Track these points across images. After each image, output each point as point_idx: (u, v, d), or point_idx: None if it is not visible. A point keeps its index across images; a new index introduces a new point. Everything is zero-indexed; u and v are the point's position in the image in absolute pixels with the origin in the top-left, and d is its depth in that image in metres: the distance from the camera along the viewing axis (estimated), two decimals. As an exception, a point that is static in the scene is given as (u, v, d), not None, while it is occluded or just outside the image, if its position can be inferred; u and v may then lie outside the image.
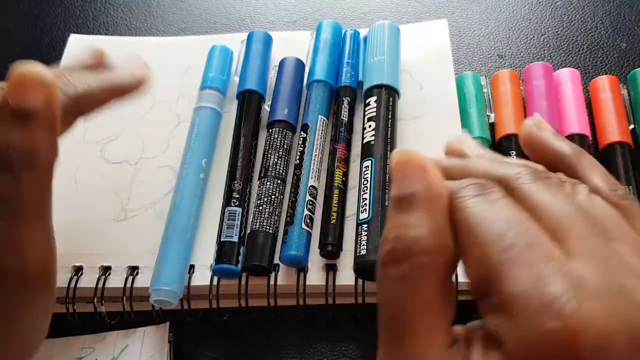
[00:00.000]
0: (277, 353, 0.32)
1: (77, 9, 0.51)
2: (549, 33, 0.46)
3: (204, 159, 0.36)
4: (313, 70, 0.38)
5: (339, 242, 0.32)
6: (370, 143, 0.34)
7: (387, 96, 0.36)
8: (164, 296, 0.31)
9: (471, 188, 0.19)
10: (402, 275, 0.18)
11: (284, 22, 0.48)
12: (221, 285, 0.32)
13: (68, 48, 0.43)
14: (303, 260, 0.32)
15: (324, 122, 0.37)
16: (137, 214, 0.35)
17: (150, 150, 0.38)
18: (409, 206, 0.19)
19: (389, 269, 0.18)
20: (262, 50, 0.40)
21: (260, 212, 0.33)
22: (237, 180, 0.35)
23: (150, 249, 0.33)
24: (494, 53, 0.45)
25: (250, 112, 0.37)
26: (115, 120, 0.39)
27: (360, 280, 0.31)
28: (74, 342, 0.33)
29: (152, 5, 0.50)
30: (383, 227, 0.31)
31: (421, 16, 0.48)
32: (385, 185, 0.32)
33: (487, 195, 0.19)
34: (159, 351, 0.32)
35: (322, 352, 0.32)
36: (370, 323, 0.33)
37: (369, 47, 0.39)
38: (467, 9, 0.48)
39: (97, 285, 0.32)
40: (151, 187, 0.36)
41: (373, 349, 0.35)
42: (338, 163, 0.34)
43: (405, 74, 0.40)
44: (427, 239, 0.18)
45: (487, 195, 0.19)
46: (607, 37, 0.45)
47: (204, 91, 0.39)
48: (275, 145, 0.36)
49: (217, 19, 0.49)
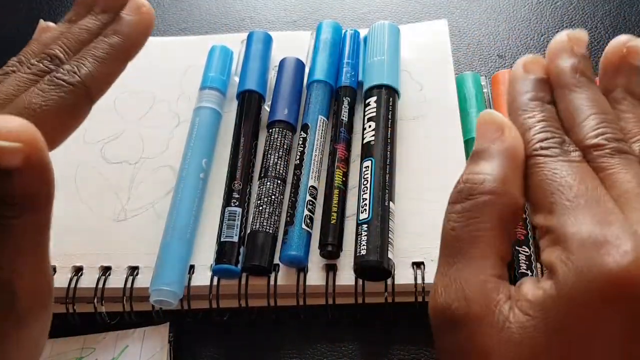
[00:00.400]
0: (277, 353, 0.32)
1: (77, 9, 0.51)
2: (549, 33, 0.45)
3: (204, 159, 0.36)
4: (313, 70, 0.38)
5: (339, 242, 0.32)
6: (370, 143, 0.34)
7: (387, 96, 0.36)
8: (164, 296, 0.31)
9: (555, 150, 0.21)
10: (465, 209, 0.21)
11: (284, 22, 0.48)
12: (221, 285, 0.32)
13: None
14: (303, 261, 0.32)
15: (324, 122, 0.37)
16: (137, 214, 0.35)
17: (150, 150, 0.38)
18: (482, 158, 0.22)
19: (455, 204, 0.22)
20: (262, 50, 0.40)
21: (260, 212, 0.33)
22: (237, 180, 0.35)
23: (150, 249, 0.33)
24: (494, 53, 0.45)
25: (250, 112, 0.37)
26: (115, 120, 0.40)
27: (360, 281, 0.31)
28: (74, 342, 0.32)
29: (152, 5, 0.50)
30: (383, 227, 0.31)
31: (421, 16, 0.48)
32: (385, 185, 0.32)
33: (566, 155, 0.21)
34: (159, 351, 0.32)
35: (322, 352, 0.32)
36: (370, 323, 0.33)
37: (369, 47, 0.39)
38: (467, 9, 0.48)
39: (97, 285, 0.32)
40: (151, 187, 0.36)
41: (373, 349, 0.35)
42: (338, 163, 0.34)
43: (405, 74, 0.40)
44: (490, 183, 0.21)
45: (566, 155, 0.21)
46: (607, 37, 0.45)
47: (204, 91, 0.39)
48: (275, 145, 0.36)
49: (217, 19, 0.49)
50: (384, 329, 0.33)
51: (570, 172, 0.20)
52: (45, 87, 0.25)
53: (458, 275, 0.21)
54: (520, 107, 0.23)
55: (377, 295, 0.32)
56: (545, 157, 0.21)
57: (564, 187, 0.20)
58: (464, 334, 0.20)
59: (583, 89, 0.23)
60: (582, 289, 0.18)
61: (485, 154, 0.22)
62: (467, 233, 0.21)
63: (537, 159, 0.21)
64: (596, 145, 0.21)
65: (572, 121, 0.22)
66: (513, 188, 0.21)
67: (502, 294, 0.20)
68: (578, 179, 0.20)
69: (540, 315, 0.19)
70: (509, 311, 0.19)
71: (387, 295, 0.31)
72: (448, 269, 0.21)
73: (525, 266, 0.31)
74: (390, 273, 0.31)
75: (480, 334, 0.19)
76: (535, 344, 0.18)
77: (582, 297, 0.18)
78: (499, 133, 0.22)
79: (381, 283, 0.31)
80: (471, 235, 0.21)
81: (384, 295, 0.31)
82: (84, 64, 0.26)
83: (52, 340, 0.32)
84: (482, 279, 0.20)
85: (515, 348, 0.19)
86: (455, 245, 0.21)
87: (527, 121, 0.23)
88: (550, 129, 0.22)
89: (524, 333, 0.19)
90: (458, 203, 0.21)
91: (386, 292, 0.31)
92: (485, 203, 0.21)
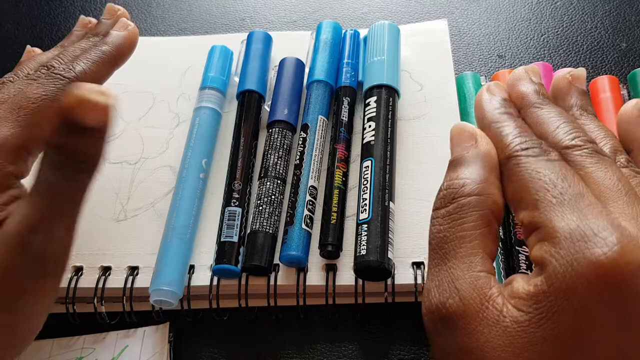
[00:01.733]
0: (277, 353, 0.32)
1: (77, 9, 0.51)
2: (549, 33, 0.46)
3: (204, 159, 0.36)
4: (313, 71, 0.38)
5: (339, 242, 0.32)
6: (370, 143, 0.34)
7: (387, 96, 0.36)
8: (164, 296, 0.31)
9: (535, 150, 0.22)
10: (449, 212, 0.23)
11: (284, 22, 0.48)
12: (221, 285, 0.32)
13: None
14: (303, 261, 0.32)
15: (324, 122, 0.37)
16: (137, 214, 0.35)
17: (150, 150, 0.38)
18: (459, 165, 0.24)
19: (439, 210, 0.23)
20: (262, 50, 0.40)
21: (260, 212, 0.33)
22: (237, 180, 0.35)
23: (150, 249, 0.33)
24: (494, 53, 0.45)
25: (250, 112, 0.37)
26: (115, 120, 0.39)
27: (360, 281, 0.31)
28: (74, 342, 0.33)
29: (152, 5, 0.50)
30: (383, 227, 0.31)
31: (421, 16, 0.48)
32: (385, 185, 0.32)
33: (547, 154, 0.22)
34: (159, 351, 0.32)
35: (322, 352, 0.32)
36: (370, 323, 0.33)
37: (369, 47, 0.39)
38: (467, 9, 0.48)
39: (97, 285, 0.32)
40: (151, 187, 0.36)
41: (373, 349, 0.35)
42: (338, 163, 0.34)
43: (405, 74, 0.40)
44: (470, 185, 0.23)
45: (547, 154, 0.22)
46: (607, 37, 0.45)
47: (204, 91, 0.39)
48: (275, 145, 0.36)
49: (217, 19, 0.49)
50: (384, 329, 0.33)
51: (553, 171, 0.21)
52: (44, 80, 0.28)
53: (449, 273, 0.22)
54: (492, 120, 0.25)
55: (377, 295, 0.32)
56: (527, 157, 0.22)
57: (548, 184, 0.21)
58: (460, 330, 0.21)
59: (549, 106, 0.25)
60: (571, 282, 0.19)
61: (462, 161, 0.24)
62: (454, 233, 0.22)
63: (518, 159, 0.22)
64: (574, 145, 0.23)
65: (544, 131, 0.24)
66: (492, 189, 0.23)
67: (494, 289, 0.21)
68: (561, 177, 0.21)
69: (532, 310, 0.19)
70: (502, 306, 0.20)
71: (387, 295, 0.31)
72: (439, 270, 0.22)
73: (525, 266, 0.31)
74: (390, 273, 0.31)
75: (476, 329, 0.20)
76: (529, 337, 0.19)
77: (571, 290, 0.19)
78: (472, 141, 0.24)
79: (381, 283, 0.31)
80: (457, 235, 0.22)
81: (384, 295, 0.31)
82: (78, 63, 0.30)
83: (52, 340, 0.32)
84: (472, 275, 0.21)
85: (510, 341, 0.19)
86: (444, 247, 0.22)
87: (501, 130, 0.24)
88: (526, 134, 0.23)
89: (518, 327, 0.19)
90: (442, 208, 0.23)
91: (386, 292, 0.31)
92: (467, 204, 0.22)
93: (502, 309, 0.20)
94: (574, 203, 0.20)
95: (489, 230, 0.22)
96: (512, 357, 0.19)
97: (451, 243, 0.22)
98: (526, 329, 0.19)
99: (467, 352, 0.20)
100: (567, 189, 0.20)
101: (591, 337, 0.19)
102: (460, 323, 0.21)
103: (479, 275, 0.21)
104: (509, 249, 0.33)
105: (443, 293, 0.21)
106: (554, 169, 0.21)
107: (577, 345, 0.19)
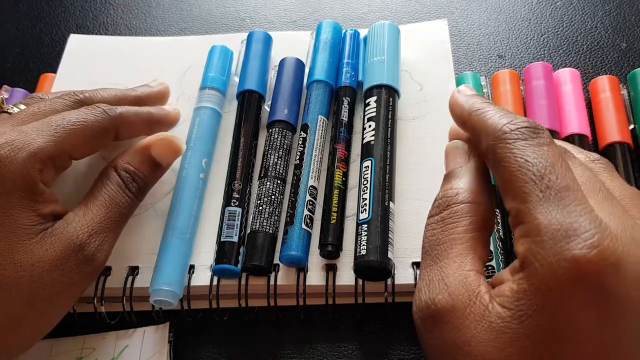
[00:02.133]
0: (277, 353, 0.32)
1: (77, 9, 0.51)
2: (549, 33, 0.46)
3: (204, 159, 0.36)
4: (313, 71, 0.38)
5: (339, 242, 0.32)
6: (370, 143, 0.34)
7: (387, 96, 0.36)
8: (164, 296, 0.31)
9: (524, 131, 0.23)
10: (443, 217, 0.24)
11: (284, 22, 0.48)
12: (221, 285, 0.32)
13: (68, 48, 0.43)
14: (303, 261, 0.32)
15: (324, 122, 0.37)
16: (137, 214, 0.35)
17: (150, 150, 0.38)
18: (453, 177, 0.26)
19: (434, 216, 0.25)
20: (262, 50, 0.40)
21: (260, 212, 0.33)
22: (237, 180, 0.35)
23: (150, 249, 0.33)
24: (494, 53, 0.45)
25: (250, 112, 0.37)
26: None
27: (360, 281, 0.31)
28: (74, 342, 0.33)
29: (152, 5, 0.50)
30: (383, 227, 0.31)
31: (421, 16, 0.48)
32: (385, 185, 0.32)
33: (537, 138, 0.22)
34: (159, 351, 0.32)
35: (322, 352, 0.32)
36: (370, 323, 0.33)
37: (369, 47, 0.39)
38: (467, 9, 0.48)
39: (97, 285, 0.32)
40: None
41: (373, 349, 0.35)
42: (338, 163, 0.34)
43: (405, 74, 0.40)
44: (463, 194, 0.25)
45: (537, 138, 0.22)
46: (607, 37, 0.45)
47: (204, 91, 0.39)
48: (275, 145, 0.36)
49: (217, 19, 0.49)
50: (384, 329, 0.33)
51: (542, 159, 0.22)
52: (88, 110, 0.30)
53: (440, 272, 0.23)
54: (472, 109, 0.26)
55: (377, 295, 0.32)
56: (516, 141, 0.22)
57: (536, 176, 0.21)
58: (448, 325, 0.21)
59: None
60: (551, 282, 0.19)
61: (455, 174, 0.26)
62: (446, 236, 0.24)
63: (506, 142, 0.23)
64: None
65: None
66: (482, 197, 0.25)
67: (482, 286, 0.22)
68: (549, 167, 0.21)
69: (514, 307, 0.20)
70: (489, 302, 0.21)
71: (387, 295, 0.31)
72: (430, 270, 0.23)
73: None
74: (390, 273, 0.31)
75: (463, 323, 0.21)
76: (512, 333, 0.20)
77: (551, 290, 0.19)
78: (466, 157, 0.27)
79: (381, 283, 0.31)
80: (450, 237, 0.24)
81: (384, 295, 0.31)
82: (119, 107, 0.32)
83: (52, 340, 0.32)
84: (462, 272, 0.22)
85: (495, 335, 0.20)
86: (436, 249, 0.24)
87: (484, 115, 0.25)
88: (510, 114, 0.24)
89: (502, 323, 0.20)
90: (437, 215, 0.25)
91: (386, 292, 0.31)
92: (460, 210, 0.24)
93: (488, 304, 0.21)
94: (560, 199, 0.20)
95: (479, 235, 0.24)
96: (496, 352, 0.20)
97: (443, 245, 0.23)
98: (509, 325, 0.20)
99: (455, 346, 0.21)
100: (554, 182, 0.21)
101: (571, 335, 0.19)
102: (448, 318, 0.21)
103: (469, 273, 0.22)
104: (509, 249, 0.33)
105: (433, 290, 0.22)
106: (543, 157, 0.22)
107: (557, 343, 0.19)
